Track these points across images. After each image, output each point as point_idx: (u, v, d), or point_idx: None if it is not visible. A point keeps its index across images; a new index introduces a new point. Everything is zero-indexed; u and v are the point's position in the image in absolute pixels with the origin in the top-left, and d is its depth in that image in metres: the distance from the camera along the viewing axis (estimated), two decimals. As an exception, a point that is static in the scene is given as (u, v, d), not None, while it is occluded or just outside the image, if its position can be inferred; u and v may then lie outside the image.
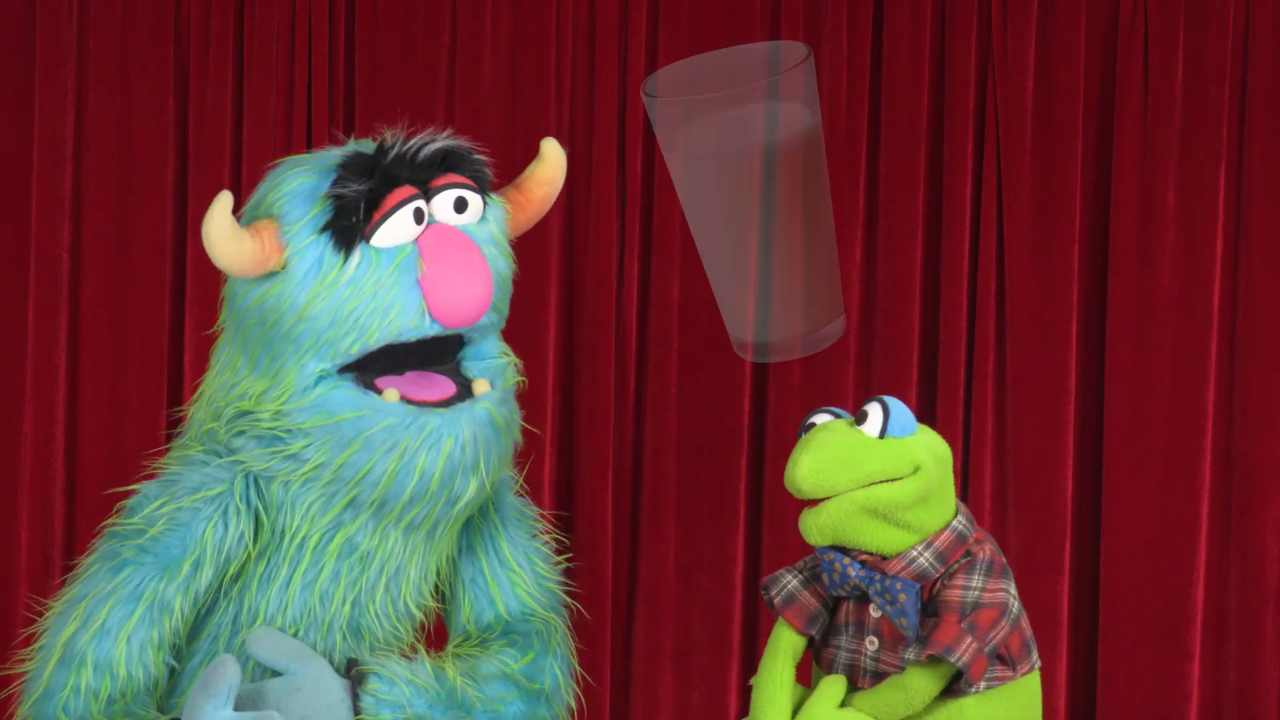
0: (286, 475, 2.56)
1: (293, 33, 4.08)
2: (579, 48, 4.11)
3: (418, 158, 2.53)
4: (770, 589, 2.67)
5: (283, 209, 2.51)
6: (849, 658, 2.62)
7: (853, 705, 2.56)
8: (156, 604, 2.57)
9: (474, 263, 2.51)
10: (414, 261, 2.49)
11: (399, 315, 2.49)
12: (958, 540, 2.55)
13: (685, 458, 4.11)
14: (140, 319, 4.11)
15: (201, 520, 2.57)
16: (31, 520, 4.10)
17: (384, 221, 2.49)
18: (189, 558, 2.56)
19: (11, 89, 4.11)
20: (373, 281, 2.48)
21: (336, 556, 2.59)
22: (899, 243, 4.07)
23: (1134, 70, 4.02)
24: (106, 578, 2.60)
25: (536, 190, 2.67)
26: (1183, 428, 4.02)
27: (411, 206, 2.50)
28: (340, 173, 2.51)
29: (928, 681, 2.52)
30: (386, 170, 2.51)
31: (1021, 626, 2.59)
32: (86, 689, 2.58)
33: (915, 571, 2.53)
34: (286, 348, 2.53)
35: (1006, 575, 2.57)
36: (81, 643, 2.58)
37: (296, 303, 2.50)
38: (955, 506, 2.59)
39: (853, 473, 2.48)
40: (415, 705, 2.57)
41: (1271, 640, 4.01)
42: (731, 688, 4.08)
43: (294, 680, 2.53)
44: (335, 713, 2.53)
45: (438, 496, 2.53)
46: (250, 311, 2.55)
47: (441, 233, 2.52)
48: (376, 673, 2.58)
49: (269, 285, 2.52)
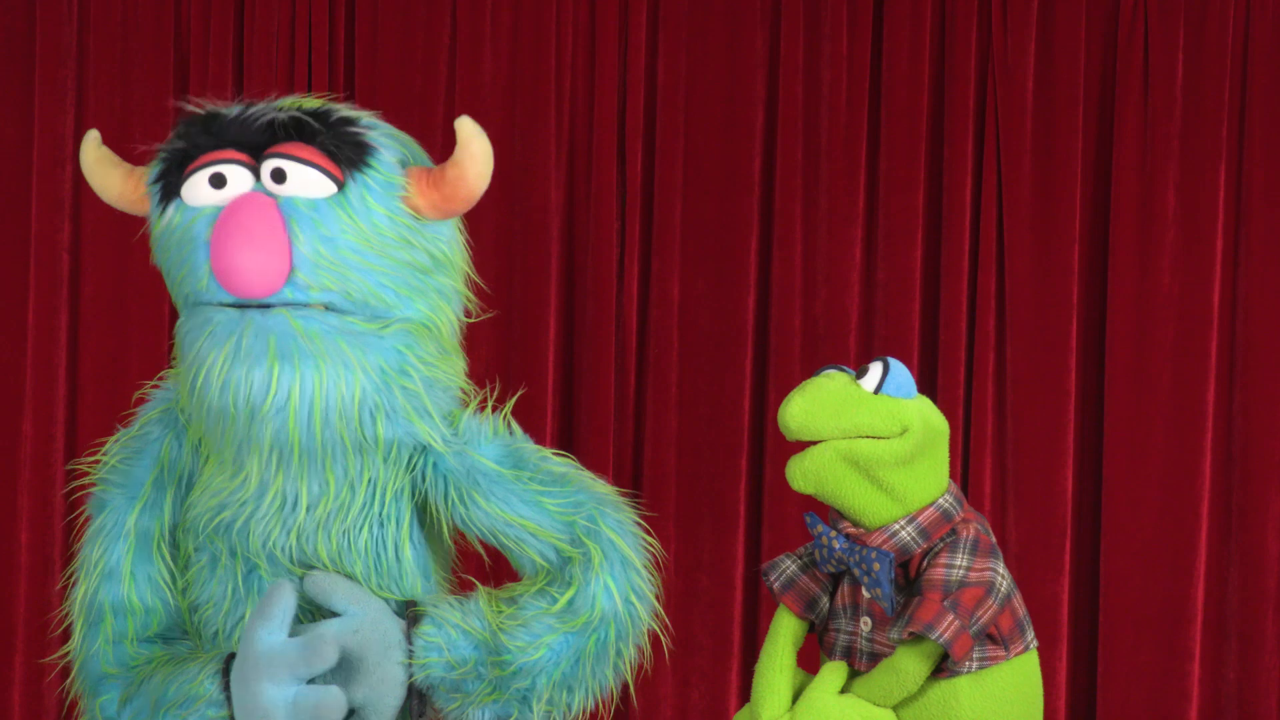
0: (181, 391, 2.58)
1: (293, 33, 4.08)
2: (579, 48, 4.11)
3: (251, 124, 2.48)
4: (770, 574, 2.70)
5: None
6: (847, 640, 2.64)
7: (851, 691, 2.58)
8: (139, 535, 2.62)
9: (263, 233, 2.41)
10: (209, 224, 2.45)
11: (189, 274, 2.49)
12: (943, 517, 2.57)
13: (685, 458, 4.12)
14: (140, 319, 4.11)
15: (153, 442, 2.64)
16: (31, 520, 4.10)
17: (186, 180, 2.47)
18: (149, 479, 2.62)
19: (11, 89, 4.11)
20: (177, 238, 2.50)
21: (228, 467, 2.58)
22: (899, 243, 4.07)
23: (1134, 70, 4.02)
24: (92, 522, 2.65)
25: (449, 171, 2.53)
26: (1183, 428, 4.02)
27: (211, 170, 2.46)
28: (177, 128, 2.52)
29: (916, 662, 2.53)
30: (210, 131, 2.49)
31: (1013, 606, 2.59)
32: (116, 635, 2.61)
33: (897, 544, 2.55)
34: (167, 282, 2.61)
35: (995, 554, 2.58)
36: (94, 595, 2.61)
37: (151, 249, 2.57)
38: (946, 483, 2.60)
39: (839, 420, 2.51)
40: (459, 649, 2.57)
41: (1271, 640, 4.01)
42: (731, 687, 4.08)
43: (352, 621, 2.54)
44: (391, 654, 2.54)
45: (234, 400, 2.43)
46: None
47: (242, 201, 2.45)
48: (430, 615, 2.58)
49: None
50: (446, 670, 2.57)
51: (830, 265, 4.09)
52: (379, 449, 2.56)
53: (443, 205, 2.53)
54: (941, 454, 2.60)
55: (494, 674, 2.60)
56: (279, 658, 2.46)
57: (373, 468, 2.58)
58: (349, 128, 2.50)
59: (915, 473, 2.55)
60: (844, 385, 2.54)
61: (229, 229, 2.42)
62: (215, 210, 2.46)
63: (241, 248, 2.41)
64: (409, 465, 2.63)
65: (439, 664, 2.57)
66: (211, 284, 2.45)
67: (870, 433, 2.52)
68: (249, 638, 2.48)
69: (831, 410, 2.51)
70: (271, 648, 2.46)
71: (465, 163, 2.50)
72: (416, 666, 2.55)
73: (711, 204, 4.10)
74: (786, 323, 4.08)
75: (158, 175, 2.51)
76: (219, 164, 2.47)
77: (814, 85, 4.09)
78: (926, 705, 2.56)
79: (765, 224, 4.12)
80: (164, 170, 2.50)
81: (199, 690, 2.53)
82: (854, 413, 2.52)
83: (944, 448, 2.61)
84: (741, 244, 4.10)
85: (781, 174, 4.09)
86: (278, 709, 2.45)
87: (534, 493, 2.68)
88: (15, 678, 4.10)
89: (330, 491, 2.56)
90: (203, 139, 2.49)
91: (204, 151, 2.48)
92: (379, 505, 2.61)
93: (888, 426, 2.53)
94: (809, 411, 2.52)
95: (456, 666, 2.57)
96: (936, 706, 2.56)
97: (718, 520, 4.10)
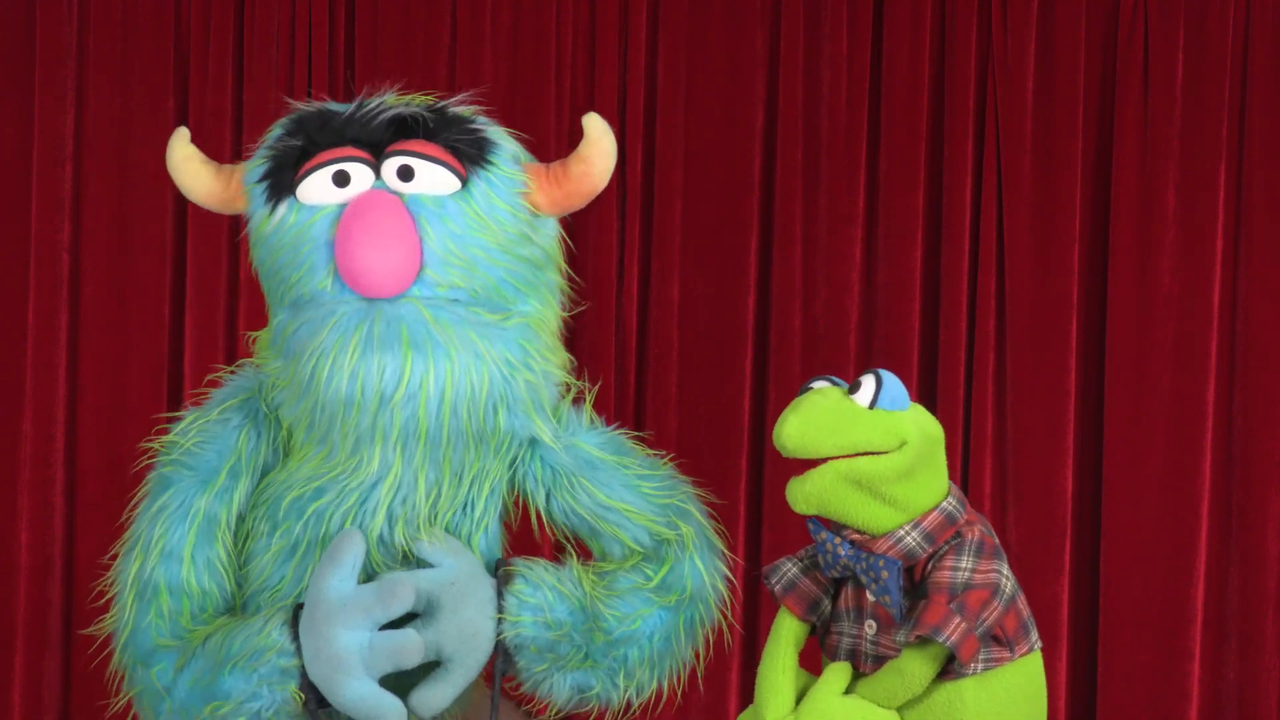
0: (273, 390, 2.57)
1: (293, 33, 4.08)
2: (579, 48, 4.11)
3: (371, 121, 2.48)
4: (770, 576, 2.70)
5: (251, 157, 2.53)
6: (851, 643, 2.63)
7: (856, 693, 2.57)
8: (205, 518, 2.59)
9: (392, 231, 2.40)
10: (330, 223, 2.44)
11: (309, 273, 2.46)
12: (947, 521, 2.56)
13: (685, 457, 4.10)
14: (140, 319, 4.11)
15: (232, 429, 2.61)
16: (31, 520, 4.10)
17: (305, 178, 2.45)
18: (225, 466, 2.59)
19: (11, 89, 4.11)
20: (292, 236, 2.46)
21: (316, 451, 2.57)
22: (899, 243, 4.07)
23: (1134, 70, 4.02)
24: (154, 499, 2.62)
25: (574, 167, 2.57)
26: (1183, 428, 4.02)
27: (334, 168, 2.45)
28: (287, 125, 2.50)
29: (922, 664, 2.53)
30: (330, 129, 2.48)
31: (1018, 607, 2.59)
32: (171, 612, 2.60)
33: (902, 551, 2.54)
34: (263, 281, 2.57)
35: (999, 556, 2.57)
36: (151, 571, 2.60)
37: (253, 248, 2.54)
38: (947, 487, 2.60)
39: (837, 438, 2.50)
40: (556, 611, 2.58)
41: (1271, 640, 4.02)
42: (731, 688, 4.08)
43: (447, 573, 2.54)
44: (484, 610, 2.54)
45: (325, 378, 2.43)
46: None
47: (369, 199, 2.43)
48: (523, 575, 2.58)
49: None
50: (540, 630, 2.57)
51: (830, 265, 4.09)
52: (494, 440, 2.56)
53: (563, 201, 2.58)
54: (940, 460, 2.60)
55: (595, 640, 2.60)
56: (353, 603, 2.44)
57: (484, 459, 2.59)
58: (468, 124, 2.51)
59: (917, 482, 2.54)
60: (838, 401, 2.53)
61: (360, 229, 2.40)
62: (335, 209, 2.44)
63: (375, 248, 2.40)
64: (512, 459, 2.65)
65: (533, 624, 2.57)
66: (335, 284, 2.44)
67: (868, 449, 2.51)
68: (319, 585, 2.46)
69: (828, 428, 2.50)
70: (343, 593, 2.45)
71: (594, 158, 2.54)
72: (508, 624, 2.54)
73: (711, 204, 4.10)
74: (786, 323, 4.08)
75: (265, 172, 2.48)
76: (341, 161, 2.45)
77: (814, 85, 4.09)
78: (931, 707, 2.56)
79: (765, 224, 4.12)
80: (274, 167, 2.48)
81: (266, 641, 2.50)
82: (851, 430, 2.50)
83: (942, 453, 2.61)
84: (741, 244, 4.09)
85: (781, 174, 4.09)
86: (352, 654, 2.43)
87: (635, 477, 2.75)
88: (15, 678, 4.10)
89: (445, 479, 2.56)
90: (321, 136, 2.47)
91: (322, 149, 2.46)
92: (475, 494, 2.62)
93: (885, 441, 2.51)
94: (805, 431, 2.50)
95: (552, 628, 2.57)
96: (941, 708, 2.56)
97: (718, 520, 4.09)
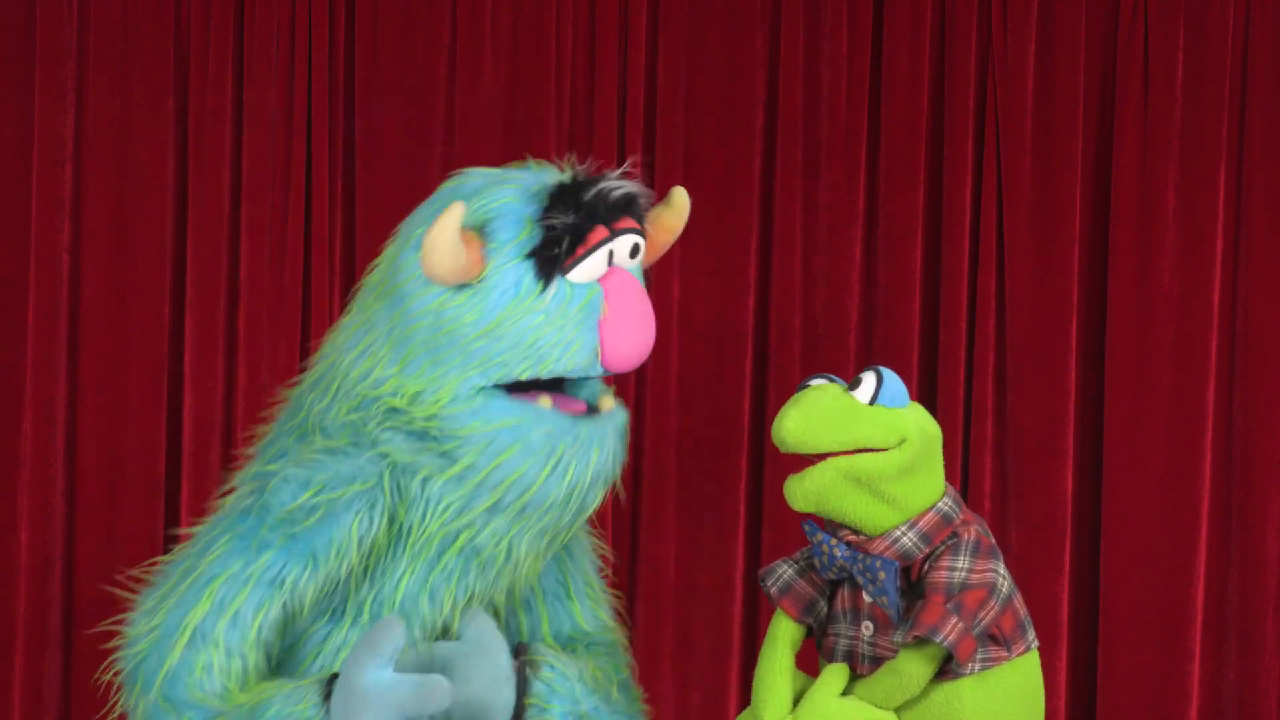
0: (429, 471, 2.56)
1: (293, 33, 4.08)
2: (579, 48, 4.11)
3: (610, 198, 2.55)
4: (767, 579, 2.69)
5: (492, 226, 2.51)
6: (848, 644, 2.63)
7: (853, 694, 2.57)
8: (293, 593, 2.57)
9: (648, 313, 2.57)
10: (599, 303, 2.53)
11: (576, 353, 2.52)
12: (943, 521, 2.56)
13: (685, 458, 4.11)
14: (140, 319, 4.11)
15: (351, 513, 2.57)
16: (31, 520, 4.10)
17: (584, 258, 2.52)
18: (334, 549, 2.57)
19: (11, 89, 4.11)
20: (561, 315, 2.51)
21: (456, 556, 2.60)
22: (899, 243, 4.07)
23: (1134, 70, 4.02)
24: (242, 559, 2.58)
25: (659, 236, 2.69)
26: (1183, 428, 4.02)
27: (607, 248, 2.54)
28: (550, 201, 2.52)
29: (919, 665, 2.53)
30: (589, 207, 2.53)
31: (1014, 607, 2.59)
32: (220, 670, 2.57)
33: (899, 551, 2.54)
34: (455, 357, 2.53)
35: (995, 555, 2.57)
36: (214, 626, 2.57)
37: (484, 320, 2.51)
38: (943, 487, 2.60)
39: (837, 434, 2.50)
40: (585, 702, 2.63)
41: (1271, 640, 4.01)
42: (731, 688, 4.08)
43: (465, 645, 2.56)
44: (499, 687, 2.55)
45: (570, 504, 2.56)
46: (424, 315, 2.54)
47: (623, 279, 2.56)
48: (550, 664, 2.62)
49: (456, 295, 2.52)
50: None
51: (830, 265, 4.09)
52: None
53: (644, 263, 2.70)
54: (937, 459, 2.60)
55: None
56: (388, 693, 2.44)
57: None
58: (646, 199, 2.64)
59: (915, 481, 2.54)
60: (838, 397, 2.52)
61: (634, 313, 2.56)
62: (596, 288, 2.54)
63: (640, 331, 2.57)
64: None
65: (562, 714, 2.62)
66: (595, 362, 2.55)
67: (869, 445, 2.51)
68: (356, 670, 2.45)
69: (829, 423, 2.50)
70: (380, 683, 2.44)
71: (678, 229, 2.71)
72: (536, 709, 2.59)
73: (711, 204, 4.09)
74: (786, 323, 4.08)
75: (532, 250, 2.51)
76: (607, 242, 2.55)
77: (814, 85, 4.08)
78: (929, 707, 2.56)
79: (765, 224, 4.11)
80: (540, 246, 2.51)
81: (304, 712, 2.50)
82: (852, 425, 2.50)
83: (939, 453, 2.61)
84: (741, 244, 4.09)
85: (781, 174, 4.09)
86: None
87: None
88: (15, 678, 4.10)
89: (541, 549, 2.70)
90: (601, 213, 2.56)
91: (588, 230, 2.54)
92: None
93: (886, 437, 2.51)
94: (805, 426, 2.49)
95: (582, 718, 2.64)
96: (939, 708, 2.56)
97: (718, 520, 4.10)
